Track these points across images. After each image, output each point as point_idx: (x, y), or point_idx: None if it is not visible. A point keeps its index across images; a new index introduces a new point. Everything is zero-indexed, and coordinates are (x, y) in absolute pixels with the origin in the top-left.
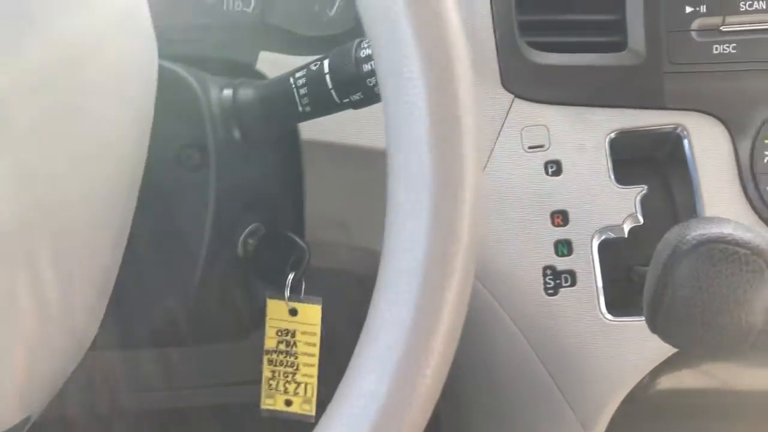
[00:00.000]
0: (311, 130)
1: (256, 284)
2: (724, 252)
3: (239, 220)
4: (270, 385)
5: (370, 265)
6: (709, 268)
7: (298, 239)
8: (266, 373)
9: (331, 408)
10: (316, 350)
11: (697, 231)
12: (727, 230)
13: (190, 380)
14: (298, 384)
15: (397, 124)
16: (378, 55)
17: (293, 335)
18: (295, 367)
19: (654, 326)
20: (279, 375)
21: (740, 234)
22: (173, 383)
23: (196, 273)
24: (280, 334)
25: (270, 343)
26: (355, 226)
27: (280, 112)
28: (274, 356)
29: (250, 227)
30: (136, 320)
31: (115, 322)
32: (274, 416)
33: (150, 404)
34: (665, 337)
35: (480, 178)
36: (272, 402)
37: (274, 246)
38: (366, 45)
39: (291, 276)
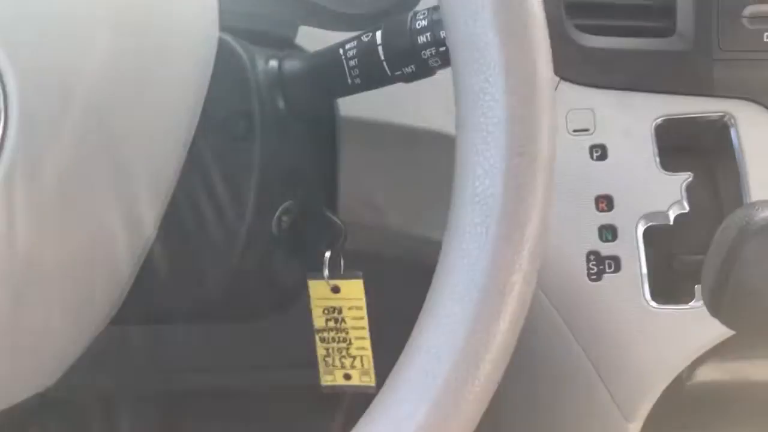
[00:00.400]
0: (349, 106)
1: (290, 263)
2: None
3: (277, 195)
4: (326, 362)
5: (405, 248)
6: None
7: (334, 217)
8: (320, 351)
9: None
10: (365, 323)
11: (766, 212)
12: None
13: (222, 360)
14: (354, 358)
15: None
16: (452, 26)
17: (340, 312)
18: (347, 342)
19: (717, 310)
20: (333, 351)
21: None
22: (202, 363)
23: (238, 246)
24: (326, 312)
25: (319, 322)
26: (390, 209)
27: (328, 83)
28: (325, 334)
29: (284, 204)
30: (171, 294)
31: (148, 296)
32: (336, 391)
33: (179, 384)
34: (730, 320)
35: (552, 184)
36: (332, 378)
37: (309, 224)
38: (422, 17)
39: (328, 254)
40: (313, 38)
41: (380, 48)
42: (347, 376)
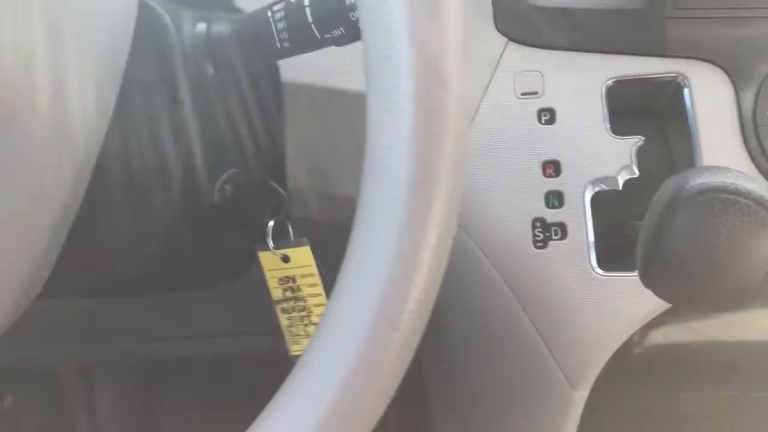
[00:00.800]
0: (292, 71)
1: (234, 232)
2: (726, 202)
3: (215, 164)
4: (291, 332)
5: (351, 214)
6: (709, 218)
7: (276, 186)
8: (283, 322)
9: (309, 349)
10: (320, 290)
11: (698, 179)
12: (729, 179)
13: (165, 330)
14: (316, 325)
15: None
16: None
17: (294, 281)
18: (308, 311)
19: (647, 280)
20: (296, 320)
21: (743, 183)
22: (145, 334)
23: (167, 216)
24: (281, 282)
25: (276, 293)
26: (336, 174)
27: (257, 47)
28: (285, 304)
29: (227, 173)
30: (102, 265)
31: (81, 267)
32: None
33: (121, 356)
34: (659, 291)
35: (464, 126)
36: (299, 348)
37: (252, 193)
38: None
39: (271, 223)
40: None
41: (308, 10)
42: None
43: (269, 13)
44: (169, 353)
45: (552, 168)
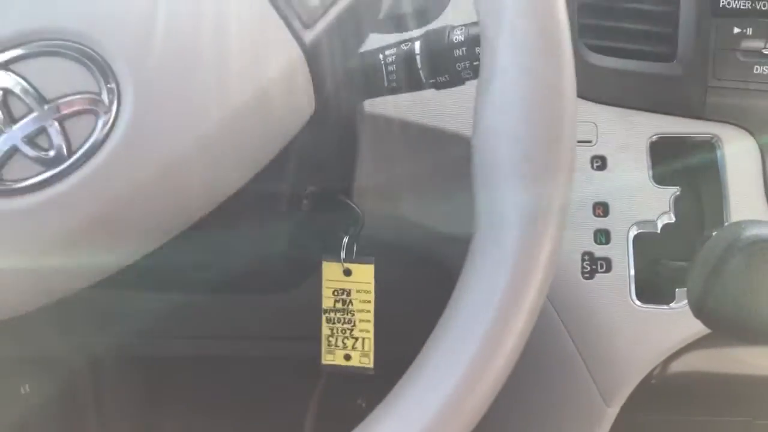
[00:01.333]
0: (372, 103)
1: (307, 243)
2: None
3: (302, 181)
4: (329, 341)
5: (416, 239)
6: (760, 264)
7: (353, 204)
8: (325, 330)
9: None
10: (371, 307)
11: (753, 231)
12: None
13: (230, 330)
14: (356, 339)
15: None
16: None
17: (349, 294)
18: (352, 324)
19: (700, 312)
20: (337, 332)
21: None
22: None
23: (261, 223)
24: (336, 293)
25: (327, 302)
26: (405, 201)
27: (366, 84)
28: (332, 314)
29: (308, 189)
30: (197, 265)
31: (175, 266)
32: (335, 371)
33: (189, 351)
34: (710, 323)
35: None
36: (332, 357)
37: (328, 209)
38: (459, 32)
39: (346, 239)
40: None
41: (418, 57)
42: (347, 357)
43: (381, 57)
44: (192, 351)
45: (601, 209)
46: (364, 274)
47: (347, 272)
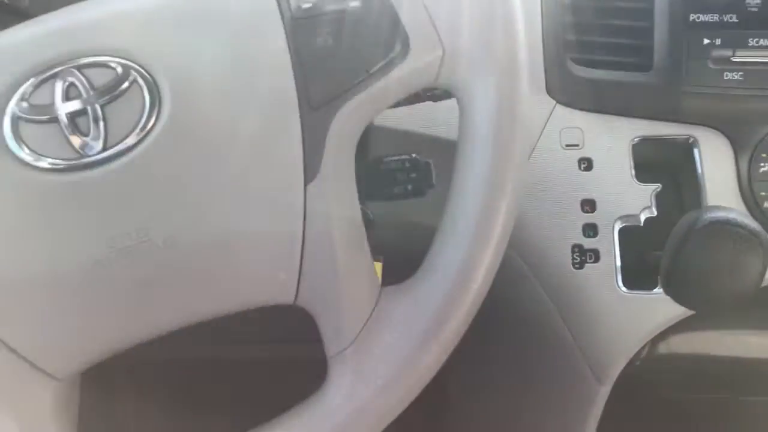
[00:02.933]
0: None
1: None
2: (729, 231)
3: None
4: None
5: (423, 242)
6: (715, 242)
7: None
8: None
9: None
10: None
11: (709, 214)
12: (731, 216)
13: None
14: None
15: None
16: None
17: None
18: None
19: (669, 289)
20: None
21: (741, 219)
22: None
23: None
24: None
25: None
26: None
27: None
28: None
29: None
30: None
31: None
32: None
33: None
34: (678, 297)
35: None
36: None
37: None
38: None
39: None
40: None
41: None
42: None
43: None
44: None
45: (588, 206)
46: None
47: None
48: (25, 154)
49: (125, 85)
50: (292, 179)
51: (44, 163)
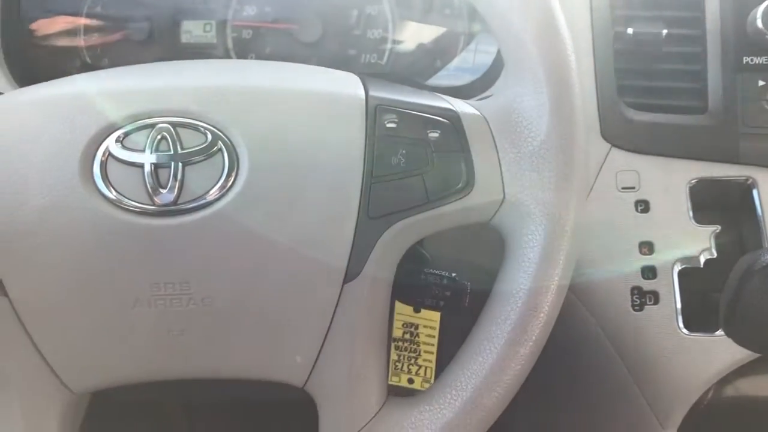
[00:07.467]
0: None
1: None
2: None
3: None
4: (396, 366)
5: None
6: None
7: (422, 249)
8: (393, 356)
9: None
10: (434, 341)
11: (767, 256)
12: None
13: None
14: (420, 367)
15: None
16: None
17: (416, 328)
18: (417, 354)
19: (729, 330)
20: (404, 359)
21: None
22: None
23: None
24: (405, 326)
25: (397, 332)
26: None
27: None
28: (400, 343)
29: None
30: None
31: None
32: (398, 392)
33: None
34: (739, 339)
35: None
36: (397, 379)
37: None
38: None
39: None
40: None
41: None
42: (411, 381)
43: None
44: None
45: (646, 248)
46: (432, 316)
47: (417, 310)
48: (103, 186)
49: (211, 150)
50: (334, 276)
51: (118, 200)
